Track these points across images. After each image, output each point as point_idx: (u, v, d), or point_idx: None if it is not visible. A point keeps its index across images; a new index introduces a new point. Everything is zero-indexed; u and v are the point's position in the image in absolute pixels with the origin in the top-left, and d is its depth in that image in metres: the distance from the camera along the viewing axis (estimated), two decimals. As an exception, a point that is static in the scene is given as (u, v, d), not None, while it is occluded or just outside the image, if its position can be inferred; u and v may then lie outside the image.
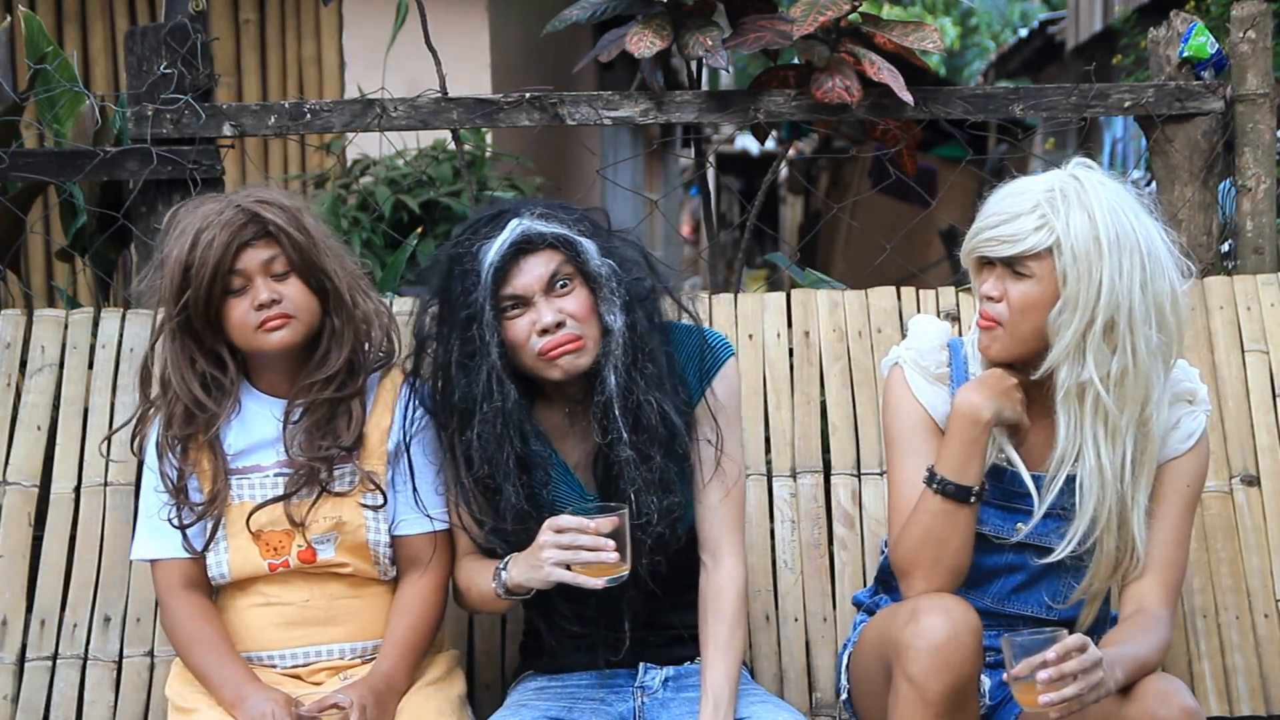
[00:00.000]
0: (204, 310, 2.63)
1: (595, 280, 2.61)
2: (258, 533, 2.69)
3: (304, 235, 2.65)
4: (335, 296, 2.69)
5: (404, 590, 2.74)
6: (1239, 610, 3.14)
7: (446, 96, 3.54)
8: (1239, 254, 3.58)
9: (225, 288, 2.63)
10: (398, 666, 2.67)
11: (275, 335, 2.64)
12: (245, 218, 2.62)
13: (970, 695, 2.49)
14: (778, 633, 3.13)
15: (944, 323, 2.81)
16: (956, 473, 2.56)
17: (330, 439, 2.67)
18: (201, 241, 2.60)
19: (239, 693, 2.59)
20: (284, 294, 2.64)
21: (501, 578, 2.61)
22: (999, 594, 2.71)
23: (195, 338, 2.67)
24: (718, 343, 2.76)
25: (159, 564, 2.74)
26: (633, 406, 2.61)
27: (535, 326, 2.58)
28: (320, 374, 2.68)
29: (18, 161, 3.51)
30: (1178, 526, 2.66)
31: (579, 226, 2.64)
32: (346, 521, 2.70)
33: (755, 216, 3.74)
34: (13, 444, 3.23)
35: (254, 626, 2.72)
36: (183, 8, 3.48)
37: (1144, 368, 2.53)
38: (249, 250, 2.63)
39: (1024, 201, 2.53)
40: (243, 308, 2.63)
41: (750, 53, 3.58)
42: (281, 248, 2.64)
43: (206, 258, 2.60)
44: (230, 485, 2.69)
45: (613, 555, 2.47)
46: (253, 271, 2.63)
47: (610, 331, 2.61)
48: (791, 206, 18.85)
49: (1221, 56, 3.54)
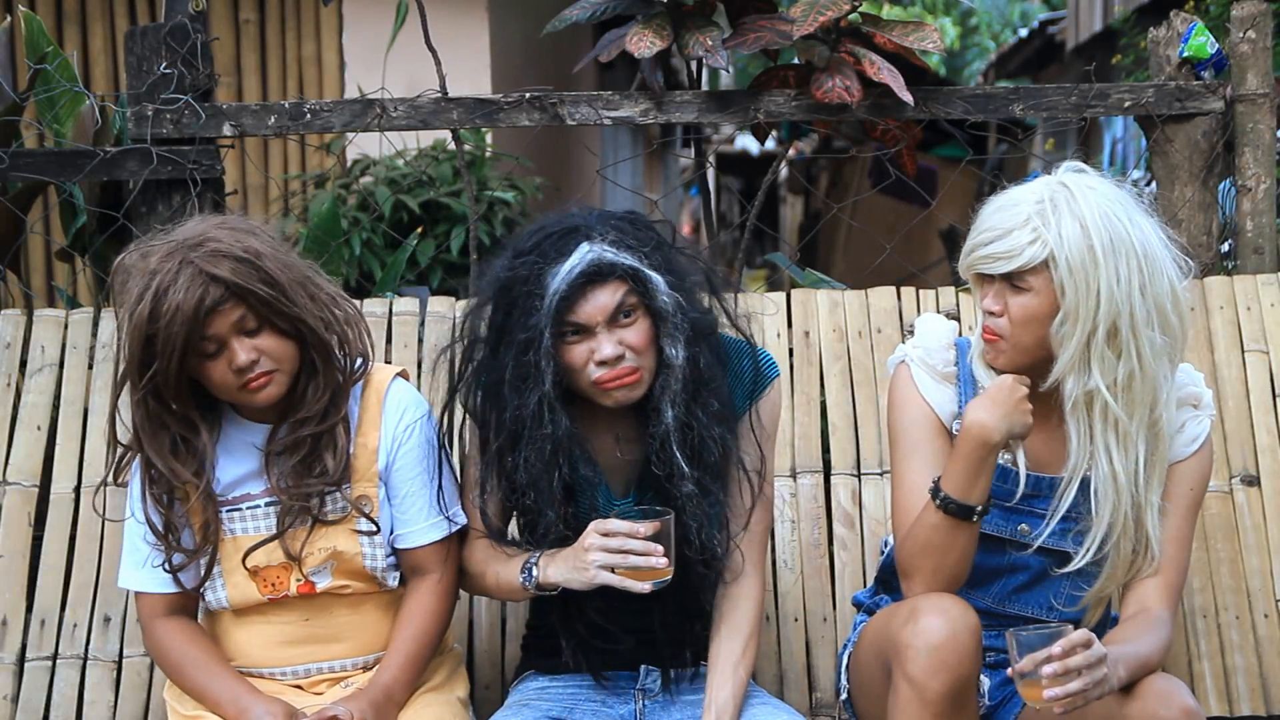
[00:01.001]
0: (175, 381, 2.50)
1: (660, 315, 2.54)
2: (254, 569, 2.62)
3: (268, 287, 2.49)
4: (312, 336, 2.56)
5: (409, 600, 2.70)
6: (1239, 610, 3.14)
7: (446, 96, 3.54)
8: (1239, 254, 3.58)
9: (199, 354, 2.49)
10: (398, 678, 2.63)
11: (261, 394, 2.53)
12: (204, 281, 2.45)
13: (969, 695, 2.49)
14: (778, 633, 3.13)
15: (951, 322, 2.80)
16: (962, 492, 2.54)
17: (317, 472, 2.59)
18: (163, 312, 2.44)
19: (239, 704, 2.55)
20: (262, 349, 2.51)
21: (533, 574, 2.56)
22: (1000, 594, 2.71)
23: (164, 404, 2.54)
24: (766, 363, 2.72)
25: (141, 595, 2.68)
26: (694, 442, 2.56)
27: (594, 356, 2.51)
28: (300, 413, 2.59)
29: (18, 161, 3.51)
30: (1180, 528, 2.65)
31: (651, 259, 2.54)
32: (342, 550, 2.63)
33: (755, 216, 3.74)
34: (13, 444, 3.23)
35: (254, 644, 2.67)
36: (183, 8, 3.48)
37: (1150, 370, 2.52)
38: (216, 316, 2.47)
39: (1016, 215, 2.51)
40: (221, 369, 2.51)
41: (750, 53, 3.58)
42: (248, 306, 2.49)
43: (172, 330, 2.44)
44: (222, 520, 2.62)
45: (662, 560, 2.44)
46: (225, 334, 2.49)
47: (670, 366, 2.54)
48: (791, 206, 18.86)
49: (1221, 56, 3.54)
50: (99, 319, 3.35)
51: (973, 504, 2.54)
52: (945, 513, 2.54)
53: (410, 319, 3.37)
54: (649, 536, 2.45)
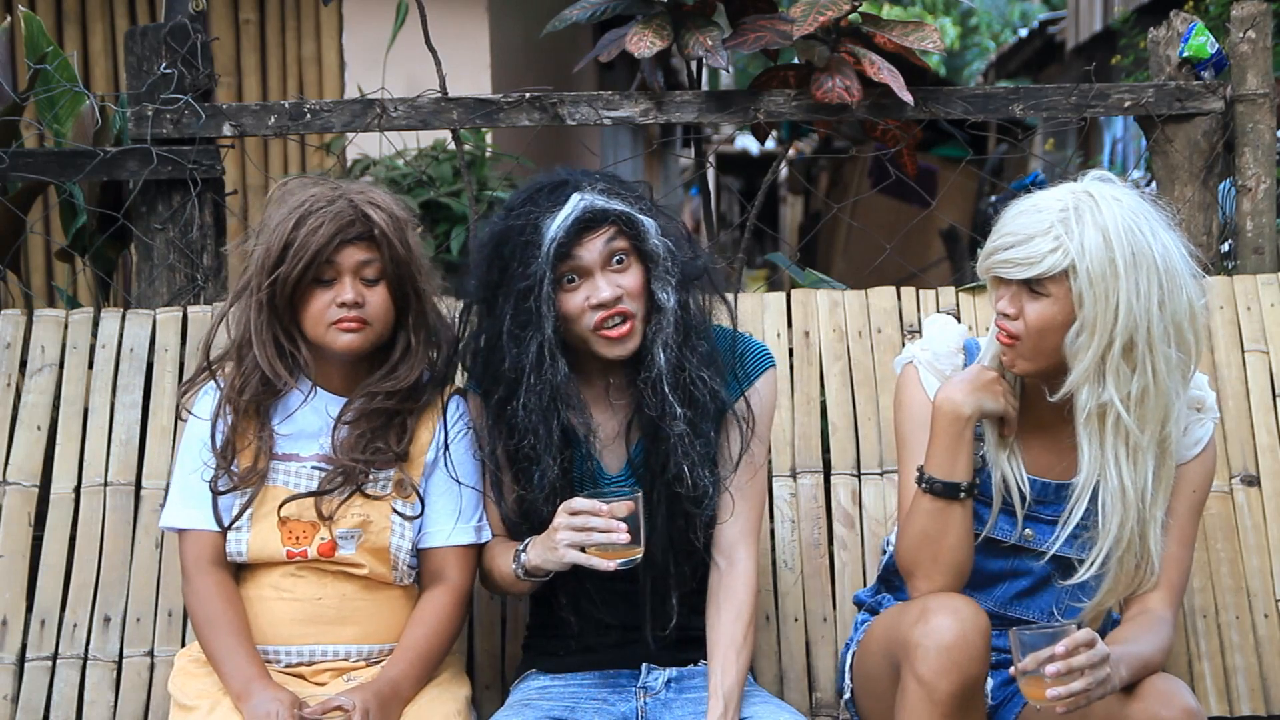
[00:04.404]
0: (290, 291, 2.64)
1: (651, 258, 2.64)
2: (284, 519, 2.68)
3: (404, 248, 2.67)
4: (418, 315, 2.72)
5: (425, 601, 2.74)
6: (1239, 610, 3.14)
7: (446, 96, 3.54)
8: (1239, 254, 3.58)
9: (316, 276, 2.64)
10: (406, 674, 2.66)
11: (345, 337, 2.66)
12: (354, 214, 2.64)
13: (978, 695, 2.49)
14: (778, 633, 3.13)
15: (960, 324, 2.80)
16: (944, 470, 2.56)
17: (381, 444, 2.69)
18: (307, 225, 2.62)
19: (247, 687, 2.58)
20: (368, 299, 2.66)
21: (520, 559, 2.63)
22: (1002, 598, 2.71)
23: (275, 313, 2.67)
24: (757, 351, 2.79)
25: (187, 536, 2.73)
26: (685, 383, 2.65)
27: (590, 301, 2.61)
28: (387, 385, 2.70)
29: (18, 161, 3.51)
30: (1183, 529, 2.66)
31: (640, 204, 2.66)
32: (373, 522, 2.70)
33: (755, 216, 3.74)
34: (13, 444, 3.23)
35: (263, 619, 2.70)
36: (183, 8, 3.48)
37: (1164, 386, 2.51)
38: (349, 248, 2.64)
39: (1039, 221, 2.49)
40: (324, 300, 2.65)
41: (750, 53, 3.59)
42: (380, 253, 2.66)
43: (309, 242, 2.61)
44: (270, 467, 2.70)
45: (624, 537, 2.50)
46: (346, 269, 2.65)
47: (662, 309, 2.64)
48: (791, 206, 18.86)
49: (1221, 56, 3.54)
50: (99, 319, 3.34)
51: (957, 481, 2.56)
52: (932, 494, 2.57)
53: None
54: (621, 517, 2.50)
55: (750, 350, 2.78)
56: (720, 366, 2.70)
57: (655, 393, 2.64)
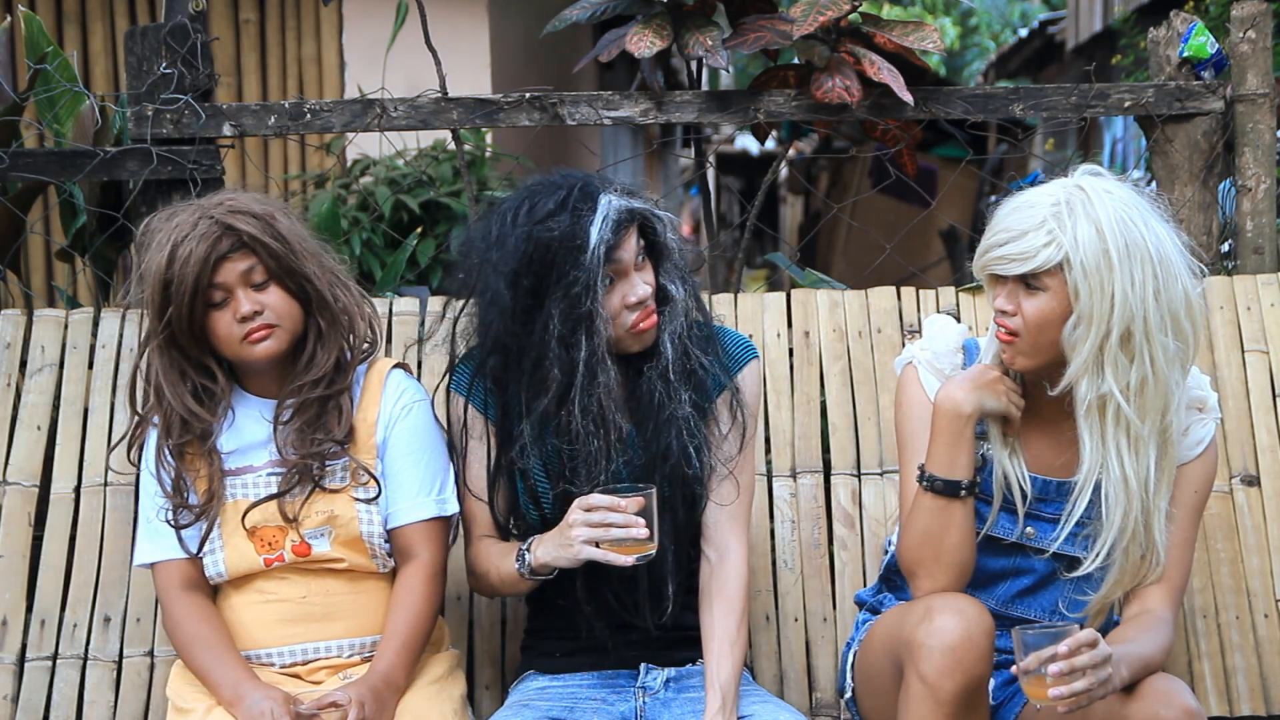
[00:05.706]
0: (187, 326, 2.64)
1: (667, 252, 2.69)
2: (252, 529, 2.70)
3: (279, 242, 2.66)
4: (317, 298, 2.71)
5: (399, 583, 2.75)
6: (1239, 610, 3.14)
7: (446, 96, 3.54)
8: (1239, 254, 3.58)
9: (207, 301, 2.64)
10: (394, 664, 2.67)
11: (261, 346, 2.67)
12: (219, 230, 2.63)
13: (982, 695, 2.49)
14: (778, 633, 3.13)
15: (960, 324, 2.80)
16: (945, 468, 2.57)
17: (322, 433, 2.70)
18: (179, 257, 2.61)
19: (238, 691, 2.59)
20: (265, 304, 2.66)
21: (526, 558, 2.63)
22: (1004, 597, 2.71)
23: (182, 351, 2.68)
24: (740, 341, 2.82)
25: (159, 566, 2.76)
26: (690, 369, 2.69)
27: (626, 300, 2.64)
28: (309, 376, 2.71)
29: (18, 161, 3.51)
30: (1184, 529, 2.66)
31: (650, 201, 2.70)
32: (339, 515, 2.71)
33: (755, 216, 3.74)
34: (13, 444, 3.23)
35: (252, 624, 2.72)
36: (183, 8, 3.48)
37: (1163, 375, 2.52)
38: (226, 263, 2.63)
39: (1031, 217, 2.51)
40: (226, 320, 2.65)
41: (750, 53, 3.59)
42: (258, 257, 2.65)
43: (185, 274, 2.61)
44: (225, 486, 2.72)
45: (643, 533, 2.51)
46: (232, 284, 2.64)
47: (673, 300, 2.69)
48: (791, 206, 18.85)
49: (1221, 56, 3.54)
50: (99, 319, 3.34)
51: (958, 479, 2.57)
52: (933, 492, 2.57)
53: (410, 319, 3.37)
54: (635, 513, 2.51)
55: (733, 341, 2.81)
56: (718, 350, 2.74)
57: (664, 380, 2.66)
